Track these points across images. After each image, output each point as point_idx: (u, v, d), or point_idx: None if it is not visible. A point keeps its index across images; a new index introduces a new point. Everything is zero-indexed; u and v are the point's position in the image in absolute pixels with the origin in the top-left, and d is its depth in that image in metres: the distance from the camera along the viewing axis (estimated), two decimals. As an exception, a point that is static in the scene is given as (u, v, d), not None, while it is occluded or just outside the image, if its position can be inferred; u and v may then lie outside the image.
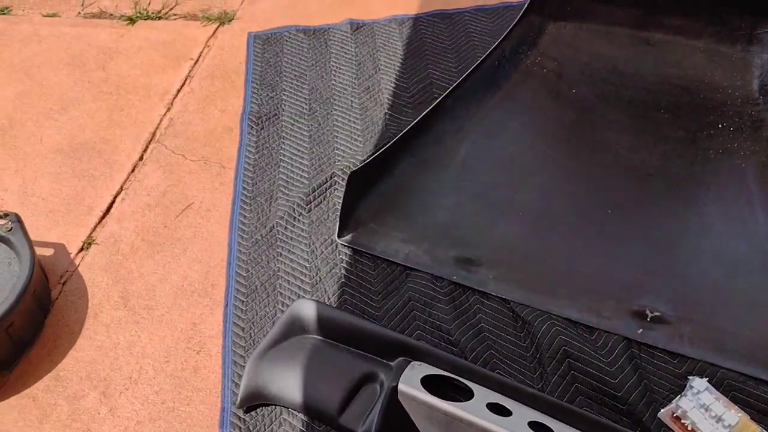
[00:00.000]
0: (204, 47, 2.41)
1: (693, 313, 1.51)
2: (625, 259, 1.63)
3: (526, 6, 2.10)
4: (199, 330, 1.58)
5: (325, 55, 2.30)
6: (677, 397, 1.37)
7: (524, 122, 2.00)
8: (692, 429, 1.32)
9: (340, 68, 2.25)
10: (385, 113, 2.07)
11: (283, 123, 2.08)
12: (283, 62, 2.29)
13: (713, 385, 1.38)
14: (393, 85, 2.17)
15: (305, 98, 2.16)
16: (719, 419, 1.32)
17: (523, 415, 1.30)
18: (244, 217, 1.83)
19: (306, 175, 1.92)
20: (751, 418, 1.33)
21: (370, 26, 2.41)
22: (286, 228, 1.78)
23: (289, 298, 1.63)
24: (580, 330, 1.51)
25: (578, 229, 1.71)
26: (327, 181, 1.88)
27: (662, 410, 1.37)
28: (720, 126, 1.90)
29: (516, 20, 2.10)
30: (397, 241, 1.71)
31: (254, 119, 2.09)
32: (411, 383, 1.34)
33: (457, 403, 1.30)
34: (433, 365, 1.41)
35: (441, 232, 1.72)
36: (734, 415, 1.32)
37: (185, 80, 2.28)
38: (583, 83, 2.07)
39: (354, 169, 1.75)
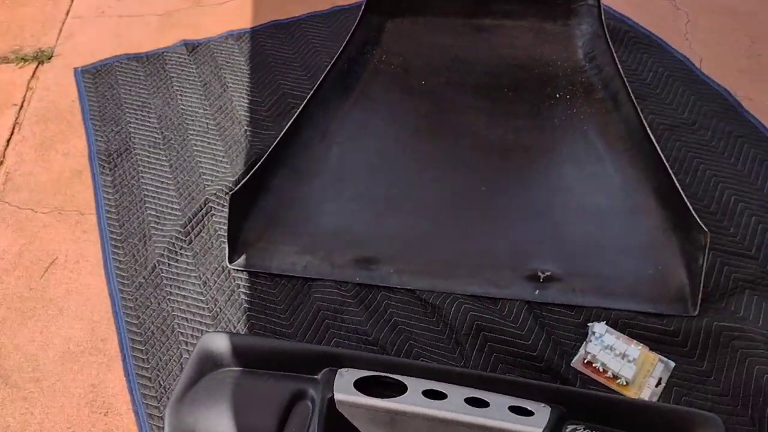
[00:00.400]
0: (26, 90, 2.20)
1: (577, 266, 1.64)
2: (509, 230, 1.74)
3: (363, 6, 2.14)
4: (101, 390, 1.44)
5: (166, 81, 2.19)
6: (583, 345, 1.49)
7: (384, 119, 2.05)
8: (603, 369, 1.44)
9: (185, 92, 2.16)
10: (245, 130, 2.02)
11: (137, 157, 1.95)
12: (120, 94, 2.15)
13: (611, 327, 1.51)
14: (246, 101, 2.12)
15: (155, 128, 2.04)
16: (623, 355, 1.45)
17: (457, 394, 1.33)
18: (119, 261, 1.70)
19: (177, 207, 1.82)
20: (649, 349, 1.48)
21: (206, 45, 2.33)
22: (169, 265, 1.68)
23: (192, 336, 1.54)
24: (486, 303, 1.58)
25: (460, 210, 1.79)
26: (202, 209, 1.80)
27: (573, 359, 1.47)
28: (558, 96, 2.08)
29: (356, 21, 2.14)
30: (291, 255, 1.68)
31: (104, 158, 1.95)
32: (346, 390, 1.32)
33: (395, 398, 1.31)
34: (359, 369, 1.40)
35: (333, 237, 1.72)
36: (635, 348, 1.46)
37: (13, 128, 2.07)
38: (431, 74, 2.16)
39: (234, 190, 1.69)
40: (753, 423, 1.36)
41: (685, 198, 1.65)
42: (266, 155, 1.79)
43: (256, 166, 1.75)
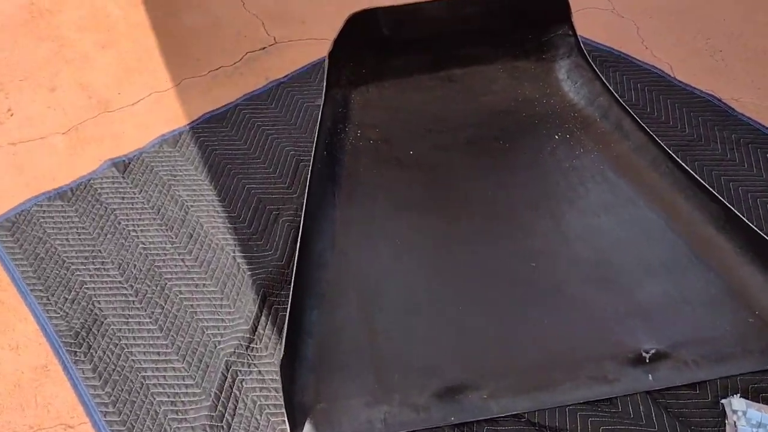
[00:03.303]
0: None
1: (677, 334, 1.48)
2: (583, 309, 1.54)
3: (325, 83, 1.85)
4: None
5: (107, 216, 1.77)
6: (728, 427, 1.33)
7: (384, 205, 1.78)
8: (764, 452, 1.29)
9: (137, 225, 1.75)
10: (233, 256, 1.67)
11: (112, 327, 1.54)
12: (56, 246, 1.70)
13: (743, 396, 1.37)
14: (216, 217, 1.76)
15: (119, 281, 1.63)
16: (777, 429, 1.31)
17: None
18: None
19: (192, 382, 1.45)
20: (796, 411, 1.35)
21: (139, 160, 1.93)
22: (214, 465, 1.32)
23: None
24: (602, 406, 1.38)
25: (519, 298, 1.57)
26: (226, 378, 1.44)
27: (726, 448, 1.31)
28: (557, 137, 1.92)
29: (322, 101, 1.84)
30: (362, 409, 1.38)
31: (71, 340, 1.51)
32: None
33: None
34: None
35: (400, 371, 1.44)
36: (785, 417, 1.32)
37: (-74, 330, 1.56)
38: (415, 140, 1.92)
39: (281, 357, 1.36)
40: None
41: (752, 225, 1.55)
42: (292, 289, 1.46)
43: (288, 310, 1.42)
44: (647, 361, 1.44)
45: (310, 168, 1.72)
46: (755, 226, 1.58)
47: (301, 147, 1.94)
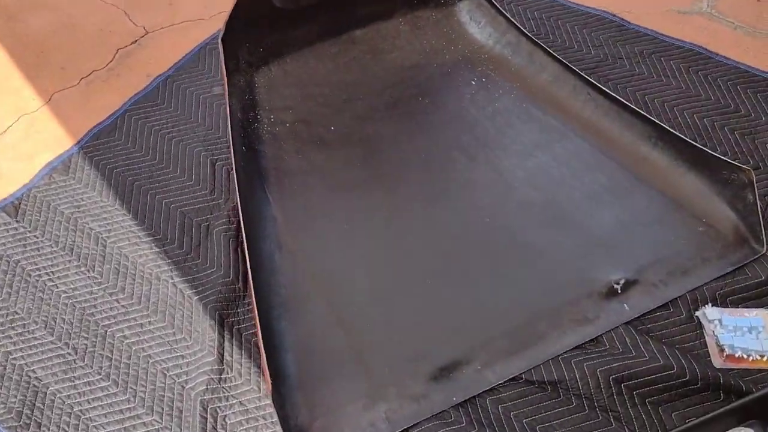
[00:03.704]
0: None
1: (639, 258, 1.51)
2: (546, 253, 1.53)
3: (224, 70, 1.68)
4: None
5: (12, 271, 1.54)
6: (708, 337, 1.38)
7: (322, 193, 1.67)
8: (746, 355, 1.35)
9: (53, 272, 1.54)
10: (173, 283, 1.51)
11: (59, 399, 1.36)
12: (-41, 319, 1.47)
13: (715, 305, 1.42)
14: (145, 246, 1.58)
15: (49, 340, 1.43)
16: (751, 329, 1.37)
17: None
18: None
19: (169, 432, 1.31)
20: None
21: (29, 197, 1.68)
22: None
23: None
24: (590, 348, 1.39)
25: (481, 259, 1.54)
26: (206, 418, 1.32)
27: (712, 358, 1.36)
28: (473, 83, 1.87)
29: (226, 92, 1.67)
30: (361, 413, 1.31)
31: (16, 422, 1.32)
32: None
33: None
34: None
35: (389, 362, 1.37)
36: (756, 317, 1.39)
37: None
38: (334, 115, 1.80)
39: (264, 379, 1.26)
40: None
41: (681, 136, 1.59)
42: (255, 306, 1.34)
43: (259, 330, 1.31)
44: (619, 291, 1.46)
45: (233, 167, 1.57)
46: (683, 136, 1.62)
47: (211, 145, 1.78)
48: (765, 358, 1.35)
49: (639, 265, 1.50)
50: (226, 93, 1.67)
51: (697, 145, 1.59)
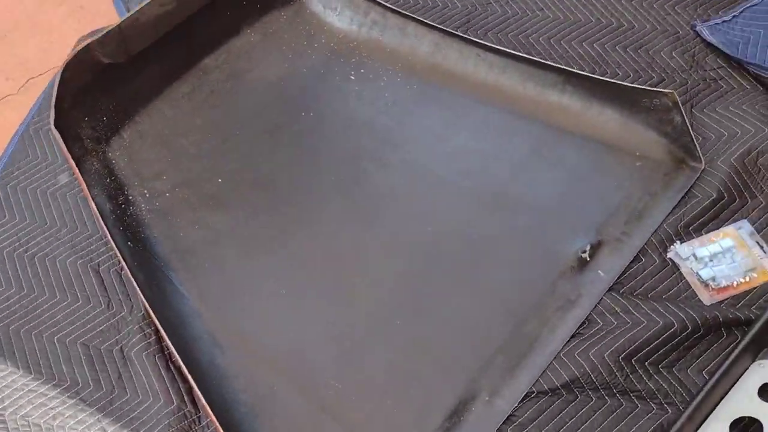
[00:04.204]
0: None
1: (594, 216, 1.42)
2: (505, 248, 1.41)
3: (70, 160, 1.37)
4: None
5: None
6: (688, 277, 1.33)
7: (240, 263, 1.43)
8: (730, 283, 1.31)
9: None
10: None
11: None
12: None
13: (683, 240, 1.37)
14: (55, 403, 1.29)
15: None
16: (725, 253, 1.34)
17: None
18: None
19: None
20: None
21: None
22: None
23: None
24: (586, 333, 1.30)
25: (444, 273, 1.39)
26: None
27: (700, 298, 1.31)
28: (352, 77, 1.67)
29: (83, 185, 1.37)
30: None
31: None
32: None
33: None
34: None
35: (393, 430, 1.21)
36: (722, 240, 1.35)
37: None
38: (212, 165, 1.55)
39: None
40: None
41: (584, 72, 1.51)
42: (220, 426, 1.12)
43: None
44: (588, 259, 1.37)
45: (124, 266, 1.30)
46: (584, 71, 1.54)
47: (83, 249, 1.46)
48: (747, 278, 1.32)
49: (596, 224, 1.41)
50: (83, 185, 1.37)
51: (607, 79, 1.50)
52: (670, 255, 1.36)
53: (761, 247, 1.35)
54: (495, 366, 1.26)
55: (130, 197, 1.47)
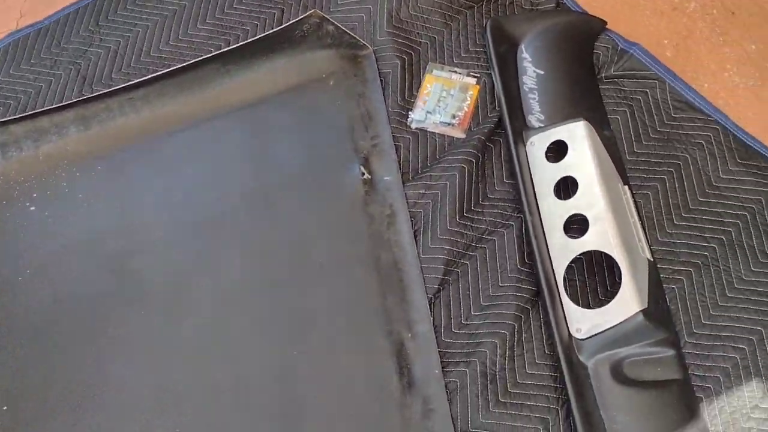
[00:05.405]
0: None
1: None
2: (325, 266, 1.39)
3: None
4: None
5: None
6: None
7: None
8: (461, 116, 1.50)
9: None
10: None
11: None
12: None
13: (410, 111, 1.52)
14: None
15: None
16: (441, 92, 1.52)
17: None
18: None
19: None
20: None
21: None
22: None
23: None
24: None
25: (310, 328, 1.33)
26: None
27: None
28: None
29: None
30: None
31: None
32: None
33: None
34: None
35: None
36: (431, 88, 1.53)
37: None
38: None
39: None
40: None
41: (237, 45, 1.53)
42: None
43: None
44: (370, 176, 1.44)
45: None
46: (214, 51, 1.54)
47: None
48: (468, 99, 1.52)
49: (349, 147, 1.47)
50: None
51: (256, 38, 1.52)
52: (412, 125, 1.50)
53: (455, 72, 1.56)
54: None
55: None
